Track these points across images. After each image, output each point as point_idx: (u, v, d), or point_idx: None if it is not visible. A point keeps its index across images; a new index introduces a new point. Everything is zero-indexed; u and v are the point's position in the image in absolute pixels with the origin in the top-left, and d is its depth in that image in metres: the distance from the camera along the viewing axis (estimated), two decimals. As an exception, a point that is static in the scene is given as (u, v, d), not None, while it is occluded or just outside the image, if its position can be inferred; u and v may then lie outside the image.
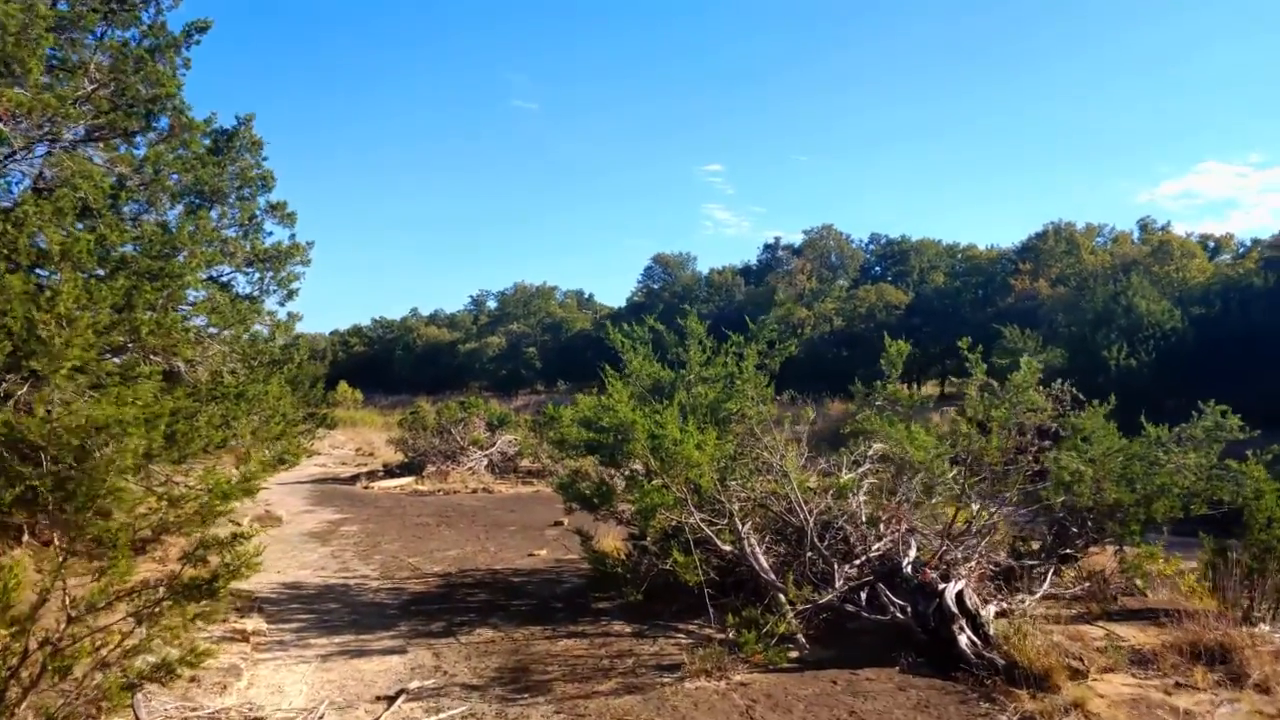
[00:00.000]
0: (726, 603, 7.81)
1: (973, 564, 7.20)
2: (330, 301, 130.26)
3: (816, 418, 10.62)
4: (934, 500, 8.55)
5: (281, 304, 11.99)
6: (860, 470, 8.98)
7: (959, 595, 6.48)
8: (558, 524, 13.82)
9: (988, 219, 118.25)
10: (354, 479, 21.89)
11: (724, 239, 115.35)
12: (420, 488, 20.17)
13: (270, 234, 11.30)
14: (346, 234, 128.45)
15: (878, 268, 66.51)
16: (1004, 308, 42.86)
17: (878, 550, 7.60)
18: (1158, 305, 29.17)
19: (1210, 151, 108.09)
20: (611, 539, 10.70)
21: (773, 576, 7.36)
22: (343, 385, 55.92)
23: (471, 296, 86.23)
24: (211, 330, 9.88)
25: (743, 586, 8.09)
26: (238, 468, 11.69)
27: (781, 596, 7.00)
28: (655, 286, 72.51)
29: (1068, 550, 8.18)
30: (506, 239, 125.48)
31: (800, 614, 6.83)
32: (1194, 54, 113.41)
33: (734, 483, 8.20)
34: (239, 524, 14.84)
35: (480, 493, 19.22)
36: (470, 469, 21.60)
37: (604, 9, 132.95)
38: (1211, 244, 43.25)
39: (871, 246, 68.95)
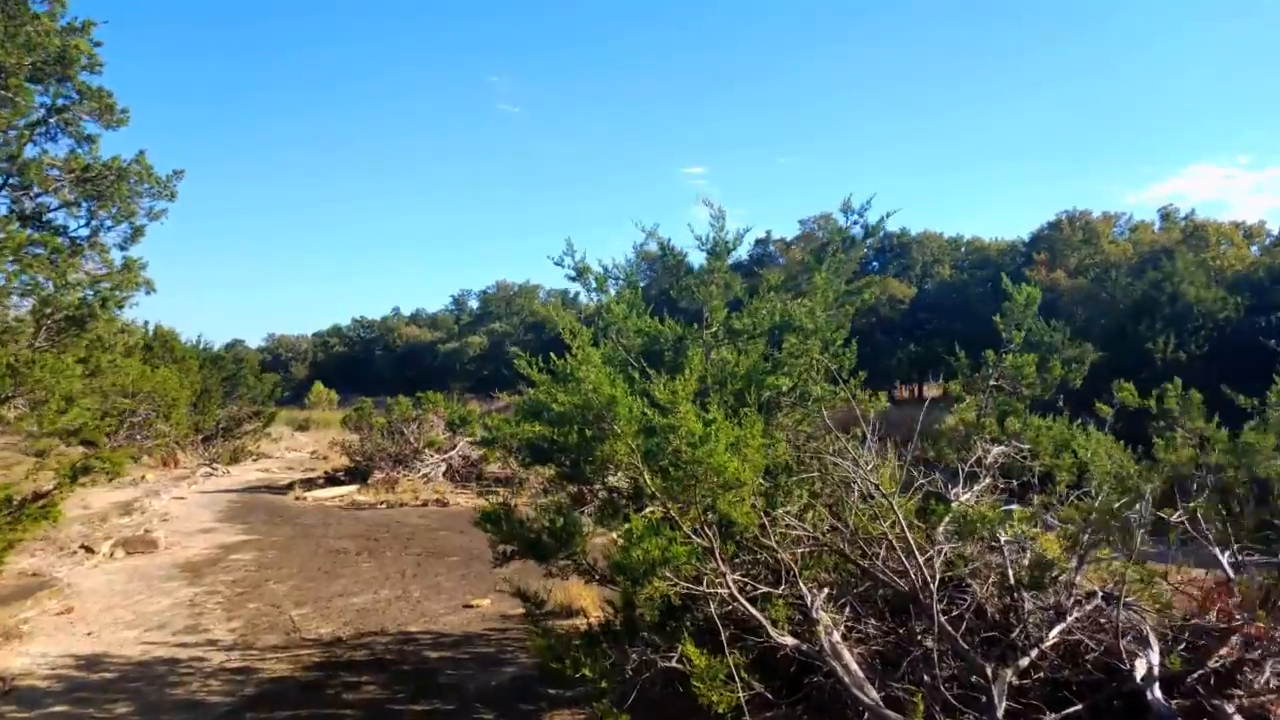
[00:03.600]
0: (779, 727, 4.37)
1: (1266, 673, 3.77)
2: (312, 302, 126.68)
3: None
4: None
5: (123, 246, 8.50)
6: (978, 488, 5.56)
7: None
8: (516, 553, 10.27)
9: (977, 223, 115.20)
10: (290, 487, 18.35)
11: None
12: (361, 498, 16.65)
13: (91, 140, 7.80)
14: (331, 235, 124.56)
15: (876, 262, 63.02)
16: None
17: (1055, 635, 4.16)
18: (1209, 292, 25.74)
19: (1198, 154, 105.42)
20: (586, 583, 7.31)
21: (876, 698, 3.86)
22: (318, 386, 53.45)
23: (453, 296, 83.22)
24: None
25: (803, 688, 4.63)
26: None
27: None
28: (641, 284, 69.22)
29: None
30: (489, 240, 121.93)
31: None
32: (1182, 56, 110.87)
33: (787, 512, 4.70)
34: (93, 551, 11.29)
35: (431, 505, 15.65)
36: (425, 476, 18.06)
37: (586, 12, 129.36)
38: (1243, 232, 40.10)
39: (870, 241, 65.44)
